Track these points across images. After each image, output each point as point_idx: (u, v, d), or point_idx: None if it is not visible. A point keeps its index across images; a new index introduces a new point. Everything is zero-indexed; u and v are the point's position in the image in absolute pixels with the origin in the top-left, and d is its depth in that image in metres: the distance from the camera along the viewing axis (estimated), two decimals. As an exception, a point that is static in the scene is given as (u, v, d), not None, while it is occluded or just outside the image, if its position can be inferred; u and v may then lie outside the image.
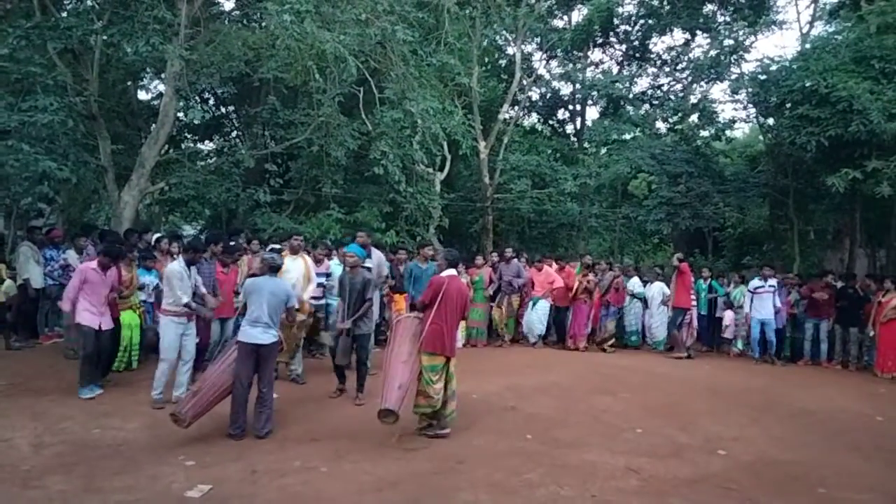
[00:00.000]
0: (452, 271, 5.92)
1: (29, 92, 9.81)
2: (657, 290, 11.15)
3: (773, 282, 10.55)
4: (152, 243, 8.95)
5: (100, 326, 6.57)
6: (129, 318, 7.45)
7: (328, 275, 8.39)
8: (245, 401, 5.52)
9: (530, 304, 10.75)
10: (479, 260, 11.43)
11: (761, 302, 10.42)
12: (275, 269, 5.92)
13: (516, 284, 10.45)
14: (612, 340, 11.00)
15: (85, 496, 4.34)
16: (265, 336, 5.57)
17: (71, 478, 4.60)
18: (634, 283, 11.36)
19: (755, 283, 10.59)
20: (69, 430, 5.60)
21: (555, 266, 11.27)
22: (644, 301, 11.33)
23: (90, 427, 5.68)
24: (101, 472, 4.72)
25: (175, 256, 8.12)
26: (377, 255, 8.59)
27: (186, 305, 6.35)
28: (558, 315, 10.96)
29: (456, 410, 5.81)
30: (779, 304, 10.44)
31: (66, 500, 4.27)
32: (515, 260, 10.91)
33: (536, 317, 10.69)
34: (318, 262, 8.37)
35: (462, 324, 9.82)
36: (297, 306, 6.09)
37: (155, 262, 8.13)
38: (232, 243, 8.43)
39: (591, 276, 11.08)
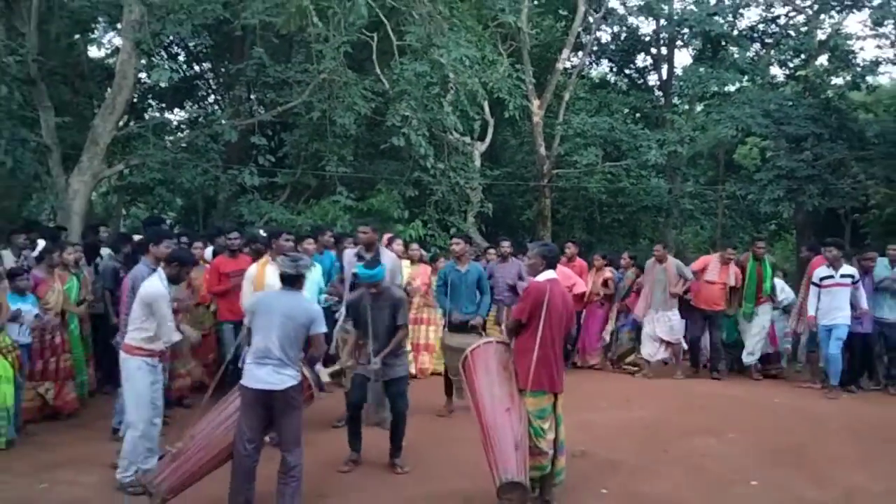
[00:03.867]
0: (552, 273, 5.52)
1: (-50, 52, 10.12)
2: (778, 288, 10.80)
3: (849, 270, 9.66)
4: (35, 255, 8.12)
5: None
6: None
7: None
8: (251, 471, 4.94)
9: None
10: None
11: (837, 301, 9.55)
12: (292, 279, 5.31)
13: (521, 290, 9.97)
14: (632, 357, 10.83)
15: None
16: (278, 378, 4.89)
17: (11, 548, 4.73)
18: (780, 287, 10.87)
19: (821, 271, 9.78)
20: (9, 485, 5.74)
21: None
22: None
23: (35, 482, 5.81)
24: (49, 539, 4.85)
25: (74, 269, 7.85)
26: (390, 257, 7.94)
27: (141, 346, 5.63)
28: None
29: (564, 471, 5.47)
30: (864, 306, 9.54)
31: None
32: (515, 258, 10.44)
33: None
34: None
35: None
36: (325, 332, 5.36)
37: (40, 281, 7.29)
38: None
39: (608, 273, 10.92)
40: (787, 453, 6.89)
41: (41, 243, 8.42)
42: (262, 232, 9.73)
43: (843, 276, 9.52)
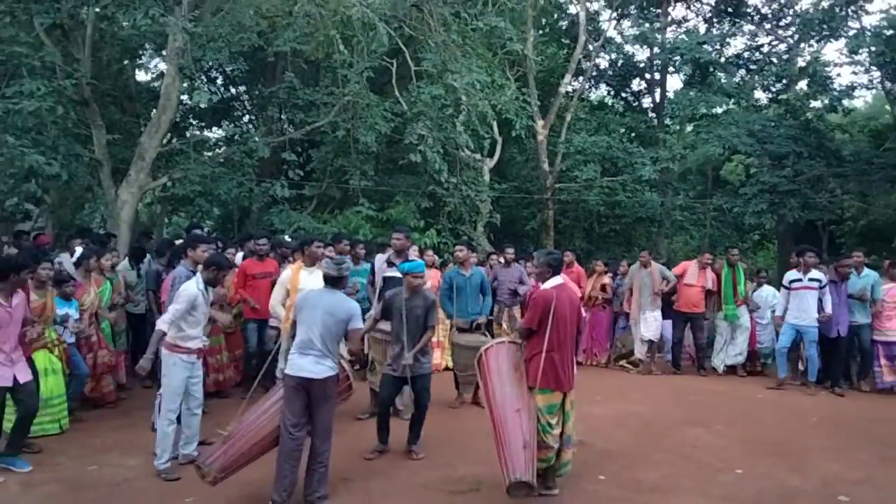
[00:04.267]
0: (558, 279, 5.49)
1: (13, 75, 10.22)
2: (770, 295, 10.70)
3: (817, 275, 9.54)
4: (73, 260, 7.98)
5: (15, 380, 5.57)
6: (44, 359, 6.38)
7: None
8: (295, 454, 4.91)
9: None
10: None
11: (799, 302, 9.45)
12: (335, 280, 5.28)
13: (522, 292, 9.94)
14: (632, 357, 10.78)
15: (80, 544, 4.48)
16: (318, 368, 4.92)
17: (63, 523, 4.76)
18: (767, 294, 10.69)
19: (791, 275, 9.70)
20: (63, 466, 5.78)
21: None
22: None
23: (86, 464, 5.85)
24: (98, 516, 4.87)
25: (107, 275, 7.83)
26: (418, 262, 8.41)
27: (157, 332, 5.60)
28: None
29: (569, 463, 5.42)
30: (828, 309, 9.33)
31: (59, 549, 4.42)
32: (516, 263, 10.43)
33: None
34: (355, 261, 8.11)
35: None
36: (361, 328, 5.36)
37: (75, 286, 7.14)
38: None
39: (607, 280, 10.87)
40: (769, 444, 6.84)
41: (79, 249, 8.40)
42: (287, 238, 9.72)
43: (810, 279, 9.45)
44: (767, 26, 20.20)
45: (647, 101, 22.50)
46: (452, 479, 5.68)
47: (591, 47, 19.53)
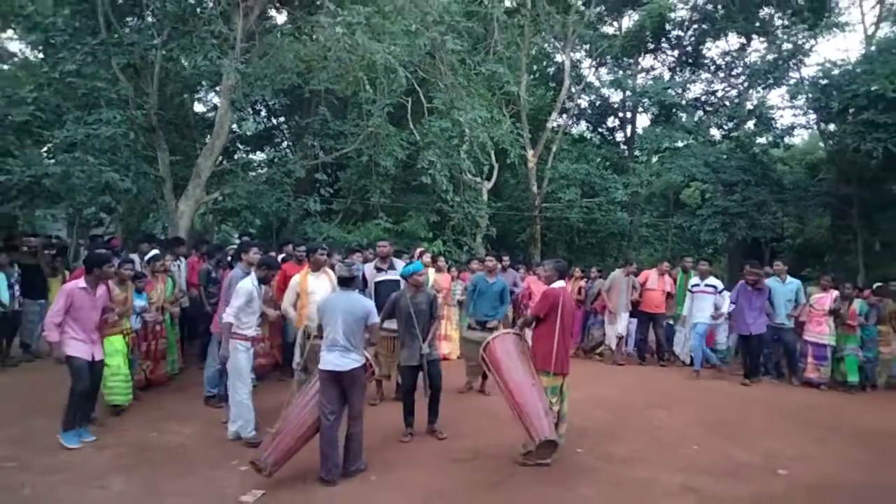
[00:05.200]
0: (562, 283, 5.57)
1: (94, 106, 10.28)
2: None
3: (713, 281, 9.54)
4: (145, 261, 7.92)
5: (93, 357, 5.53)
6: (118, 342, 6.25)
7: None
8: (335, 437, 4.88)
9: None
10: (476, 264, 10.35)
11: (699, 304, 9.41)
12: (348, 281, 5.18)
13: (514, 294, 9.91)
14: (601, 348, 10.73)
15: (143, 498, 4.49)
16: (344, 361, 4.88)
17: (131, 479, 4.77)
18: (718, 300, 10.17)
19: (693, 280, 9.66)
20: (128, 433, 5.80)
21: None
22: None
23: (148, 431, 5.87)
24: (160, 474, 4.88)
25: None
26: (401, 266, 7.68)
27: (224, 325, 5.56)
28: None
29: (564, 435, 5.45)
30: (723, 310, 9.25)
31: (126, 501, 4.43)
32: (512, 269, 10.40)
33: None
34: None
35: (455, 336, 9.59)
36: (377, 322, 5.24)
37: (147, 282, 7.16)
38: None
39: (582, 283, 10.87)
40: (721, 425, 6.83)
41: (153, 251, 8.36)
42: (323, 246, 9.59)
43: (707, 285, 9.47)
44: (721, 75, 20.25)
45: (619, 136, 22.56)
46: (453, 448, 5.69)
47: (573, 90, 19.57)
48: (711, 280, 9.61)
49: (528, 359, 5.31)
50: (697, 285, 9.57)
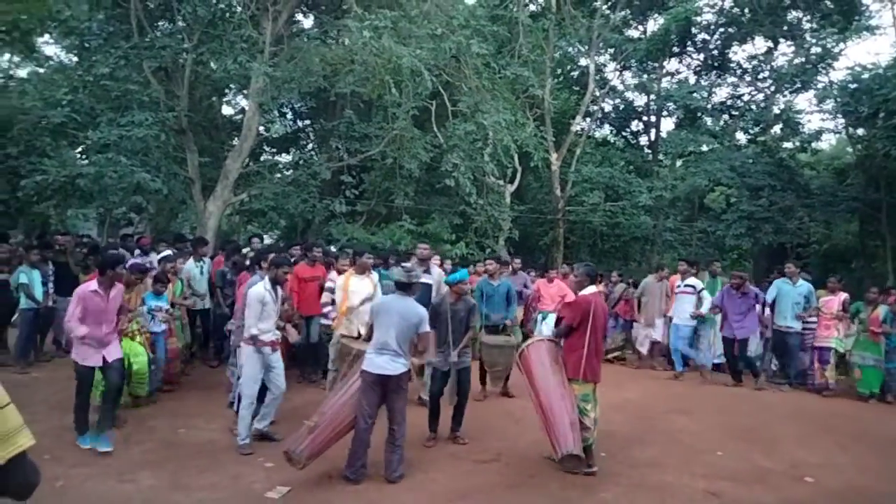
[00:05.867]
0: (593, 288, 5.39)
1: (126, 108, 10.48)
2: None
3: (692, 281, 9.36)
4: (154, 263, 8.00)
5: (104, 360, 5.37)
6: (127, 347, 6.02)
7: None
8: (367, 440, 4.85)
9: (539, 317, 9.76)
10: (481, 266, 10.31)
11: (679, 305, 9.26)
12: (406, 286, 5.10)
13: (525, 295, 9.82)
14: (619, 353, 10.56)
15: (172, 492, 4.56)
16: (393, 366, 4.82)
17: (159, 474, 4.85)
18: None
19: (676, 281, 9.50)
20: (157, 429, 5.89)
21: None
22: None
23: (176, 427, 5.96)
24: (187, 469, 4.95)
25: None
26: (437, 272, 7.80)
27: (253, 338, 5.39)
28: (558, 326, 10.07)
29: (596, 439, 5.32)
30: (702, 311, 9.11)
31: (155, 495, 4.51)
32: (522, 272, 10.30)
33: (548, 331, 9.38)
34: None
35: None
36: (429, 330, 5.15)
37: (167, 285, 7.08)
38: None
39: (601, 287, 10.68)
40: (745, 431, 6.73)
41: (166, 251, 8.54)
42: (332, 248, 9.53)
43: (686, 285, 9.33)
44: (748, 79, 19.94)
45: (644, 140, 22.36)
46: (475, 450, 5.70)
47: (598, 93, 19.45)
48: (691, 280, 9.46)
49: (562, 368, 5.19)
50: (678, 286, 9.42)
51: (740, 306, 8.87)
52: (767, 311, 9.25)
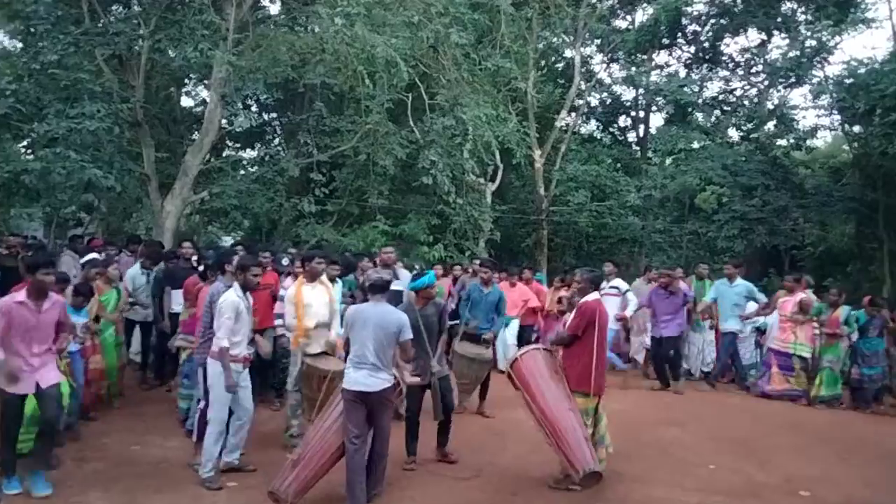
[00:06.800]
0: (596, 294, 5.42)
1: (77, 99, 10.29)
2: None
3: (616, 283, 9.43)
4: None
5: (37, 387, 4.72)
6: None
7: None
8: (362, 465, 4.68)
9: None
10: (438, 270, 10.34)
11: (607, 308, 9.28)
12: (382, 289, 4.91)
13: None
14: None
15: (126, 514, 4.49)
16: (373, 381, 4.65)
17: (112, 495, 4.77)
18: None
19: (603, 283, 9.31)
20: (108, 445, 5.80)
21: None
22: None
23: (130, 443, 5.87)
24: (142, 489, 4.88)
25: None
26: (405, 275, 7.61)
27: (221, 352, 4.99)
28: (522, 333, 9.77)
29: (605, 460, 5.26)
30: (626, 314, 9.22)
31: (107, 518, 4.43)
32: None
33: (511, 339, 9.46)
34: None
35: None
36: (411, 338, 4.94)
37: (87, 297, 6.29)
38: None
39: (563, 294, 10.56)
40: (738, 442, 6.82)
41: (88, 255, 8.13)
42: (285, 257, 8.96)
43: (611, 287, 9.34)
44: (740, 73, 20.24)
45: (632, 136, 22.60)
46: (455, 467, 5.69)
47: (583, 87, 19.62)
48: (615, 282, 9.52)
49: (563, 378, 5.14)
50: (602, 288, 9.33)
51: (668, 306, 8.99)
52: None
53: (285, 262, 8.10)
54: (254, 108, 17.78)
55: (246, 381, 5.25)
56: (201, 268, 6.71)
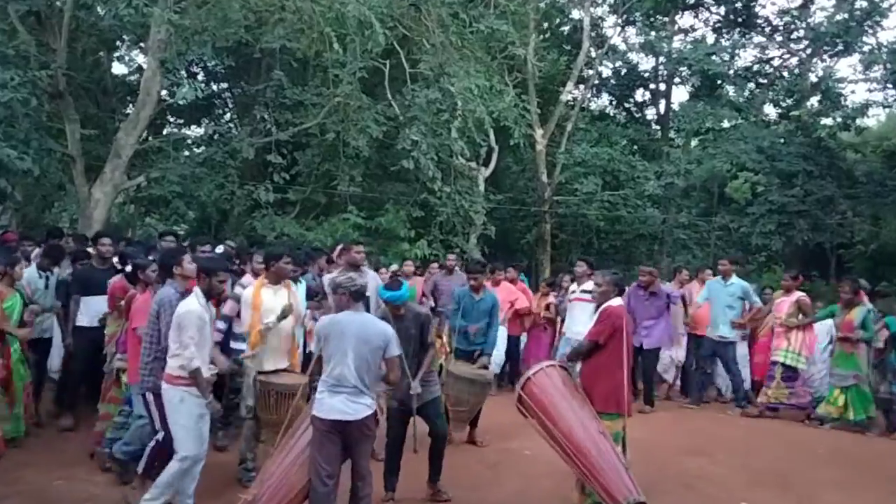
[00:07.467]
0: (619, 300, 5.44)
1: (-16, 64, 10.21)
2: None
3: (590, 286, 9.42)
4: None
5: None
6: None
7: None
8: None
9: None
10: (409, 266, 10.75)
11: (575, 314, 8.76)
12: (361, 296, 4.78)
13: None
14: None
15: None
16: (353, 407, 4.47)
17: (29, 539, 4.74)
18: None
19: (572, 287, 9.28)
20: (27, 479, 5.74)
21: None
22: None
23: (51, 478, 5.82)
24: (66, 532, 4.85)
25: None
26: (373, 277, 7.56)
27: (193, 373, 4.75)
28: (508, 346, 9.86)
29: None
30: None
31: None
32: (459, 271, 10.00)
33: (501, 345, 9.25)
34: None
35: None
36: (399, 354, 4.79)
37: None
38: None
39: (551, 299, 10.46)
40: (773, 475, 6.85)
41: None
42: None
43: (583, 291, 8.97)
44: (779, 39, 20.37)
45: (650, 113, 22.76)
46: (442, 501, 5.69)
47: (593, 54, 19.71)
48: (588, 285, 9.41)
49: (585, 397, 5.12)
50: (574, 291, 9.16)
51: (649, 309, 8.98)
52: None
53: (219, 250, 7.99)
54: (200, 77, 17.66)
55: (206, 411, 4.99)
56: (127, 269, 6.42)
